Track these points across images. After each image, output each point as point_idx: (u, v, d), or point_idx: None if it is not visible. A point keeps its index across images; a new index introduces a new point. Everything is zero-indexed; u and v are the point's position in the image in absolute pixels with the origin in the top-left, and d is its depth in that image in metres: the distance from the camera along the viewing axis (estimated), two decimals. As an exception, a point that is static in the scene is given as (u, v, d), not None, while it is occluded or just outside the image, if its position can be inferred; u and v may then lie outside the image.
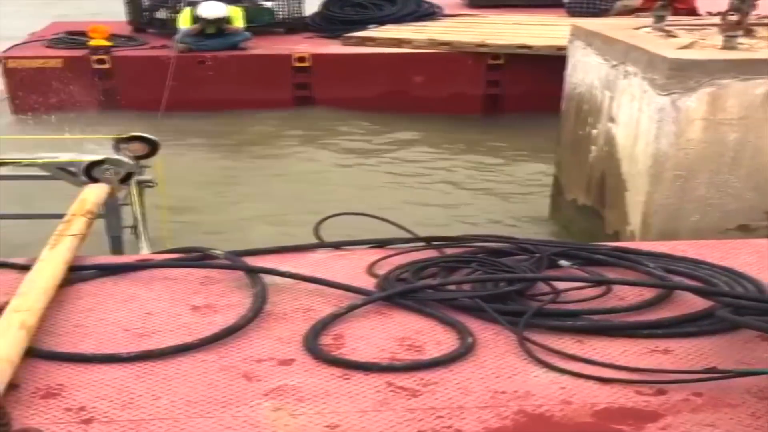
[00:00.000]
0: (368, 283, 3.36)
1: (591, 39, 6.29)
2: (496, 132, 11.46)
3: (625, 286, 3.31)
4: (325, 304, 3.18)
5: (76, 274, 3.40)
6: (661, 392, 2.60)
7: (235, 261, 3.48)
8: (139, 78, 11.97)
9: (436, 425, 2.42)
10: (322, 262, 3.61)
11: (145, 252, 4.97)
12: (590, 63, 6.27)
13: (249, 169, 10.04)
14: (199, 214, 8.10)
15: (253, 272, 3.35)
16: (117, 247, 5.12)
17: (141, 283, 3.40)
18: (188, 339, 2.88)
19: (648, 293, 3.24)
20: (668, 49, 5.31)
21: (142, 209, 5.53)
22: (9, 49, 12.57)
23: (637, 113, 5.40)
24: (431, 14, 14.54)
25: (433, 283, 3.31)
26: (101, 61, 12.11)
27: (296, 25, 14.18)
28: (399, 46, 12.53)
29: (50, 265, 3.26)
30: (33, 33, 14.19)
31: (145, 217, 5.54)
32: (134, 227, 5.42)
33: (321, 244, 3.85)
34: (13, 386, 2.51)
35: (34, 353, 2.74)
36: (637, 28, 6.28)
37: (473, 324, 3.01)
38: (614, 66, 5.79)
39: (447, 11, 15.04)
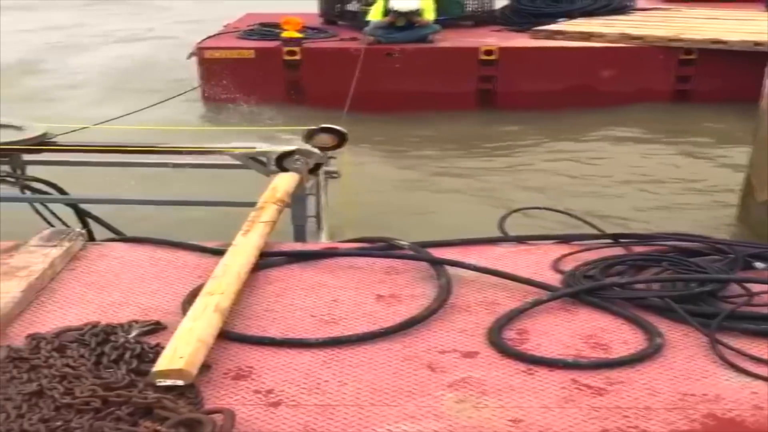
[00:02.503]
0: (553, 279, 3.31)
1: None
2: (685, 125, 11.14)
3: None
4: (509, 298, 3.15)
5: (266, 260, 3.49)
6: None
7: (420, 252, 3.50)
8: (326, 70, 12.21)
9: (621, 425, 2.37)
10: (506, 255, 3.58)
11: (326, 241, 5.06)
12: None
13: (431, 162, 10.09)
14: (381, 205, 8.20)
15: (438, 264, 3.36)
16: (300, 236, 5.23)
17: (327, 270, 3.46)
18: (373, 327, 2.92)
19: None
20: None
21: (326, 199, 5.64)
22: (204, 40, 13.04)
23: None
24: (624, 8, 14.26)
25: (621, 281, 3.24)
26: (292, 53, 12.40)
27: (485, 18, 14.15)
28: (588, 40, 12.35)
29: (243, 251, 3.37)
30: (227, 24, 14.67)
31: (327, 207, 5.65)
32: (317, 217, 5.53)
33: (505, 238, 3.83)
34: (206, 367, 2.59)
35: (225, 335, 2.82)
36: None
37: (661, 324, 2.93)
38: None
39: (639, 5, 14.70)
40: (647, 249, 3.57)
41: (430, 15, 12.69)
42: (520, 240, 3.78)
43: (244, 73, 12.27)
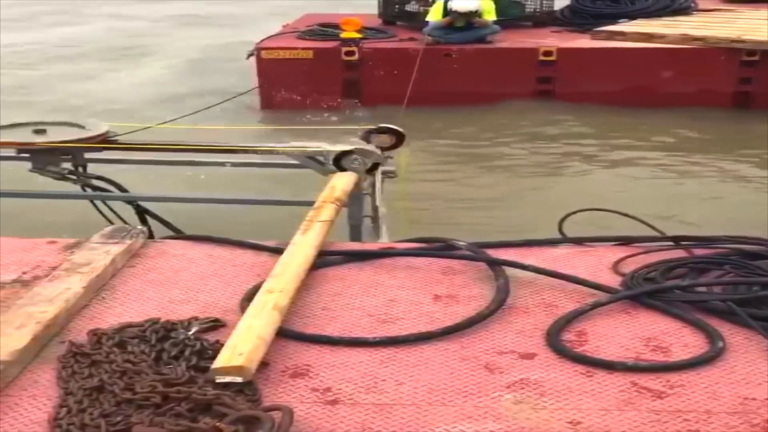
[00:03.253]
0: (612, 281, 3.28)
1: None
2: (746, 126, 10.99)
3: None
4: (567, 300, 3.13)
5: (323, 258, 3.50)
6: None
7: (477, 253, 3.49)
8: (384, 70, 12.24)
9: (681, 428, 2.33)
10: (565, 257, 3.55)
11: (382, 241, 5.06)
12: None
13: (488, 162, 10.07)
14: (437, 205, 8.20)
15: (495, 264, 3.35)
16: (356, 236, 5.24)
17: (385, 270, 3.46)
18: (430, 327, 2.91)
19: None
20: None
21: (382, 199, 5.64)
22: (263, 40, 13.14)
23: None
24: (685, 9, 14.10)
25: (682, 283, 3.20)
26: (350, 53, 12.44)
27: (544, 19, 14.10)
28: (649, 41, 12.22)
29: (301, 249, 3.39)
30: (286, 24, 14.78)
31: (383, 207, 5.66)
32: (373, 217, 5.54)
33: (564, 239, 3.80)
34: (264, 364, 2.61)
35: (283, 333, 2.83)
36: None
37: (723, 328, 2.88)
38: None
39: (701, 6, 14.54)
40: (709, 251, 3.52)
41: (490, 16, 12.67)
42: (579, 241, 3.75)
43: (302, 73, 12.35)
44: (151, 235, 4.58)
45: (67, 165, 5.67)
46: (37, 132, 5.57)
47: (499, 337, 2.86)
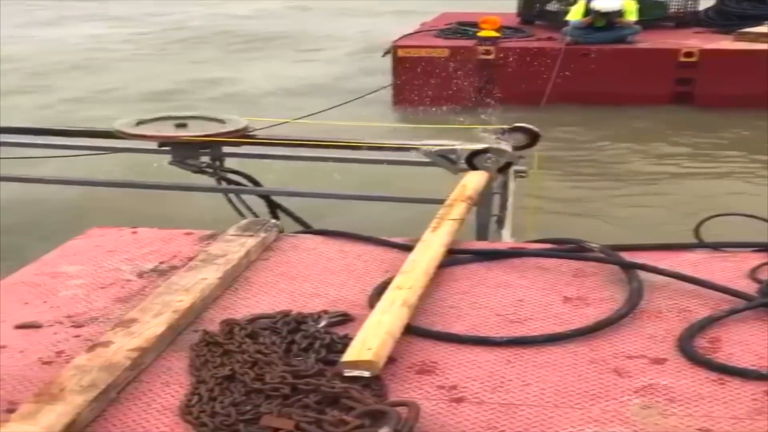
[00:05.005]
0: (749, 288, 3.18)
1: None
2: None
3: None
4: (701, 306, 3.06)
5: (452, 257, 3.50)
6: None
7: (611, 255, 3.44)
8: (520, 69, 12.19)
9: (817, 441, 2.26)
10: (700, 262, 3.47)
11: (507, 241, 5.03)
12: None
13: (622, 163, 9.91)
14: (567, 206, 8.11)
15: (629, 267, 3.29)
16: (482, 235, 5.22)
17: (514, 270, 3.44)
18: (559, 329, 2.88)
19: None
20: None
21: (512, 199, 5.61)
22: (400, 38, 13.24)
23: None
24: (834, 9, 13.59)
25: (823, 292, 3.09)
26: (487, 52, 12.42)
27: (687, 20, 13.80)
28: (797, 42, 11.83)
29: (431, 247, 3.40)
30: (423, 23, 14.86)
31: (512, 206, 5.62)
32: (499, 216, 5.51)
33: (699, 244, 3.71)
34: (391, 359, 2.63)
35: (410, 330, 2.85)
36: None
37: None
38: None
39: None
40: None
41: (633, 16, 12.49)
42: (716, 246, 3.65)
43: (437, 71, 12.38)
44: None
45: (205, 158, 5.82)
46: (179, 126, 5.73)
47: (630, 341, 2.82)
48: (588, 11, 12.35)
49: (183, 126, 5.74)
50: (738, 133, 10.89)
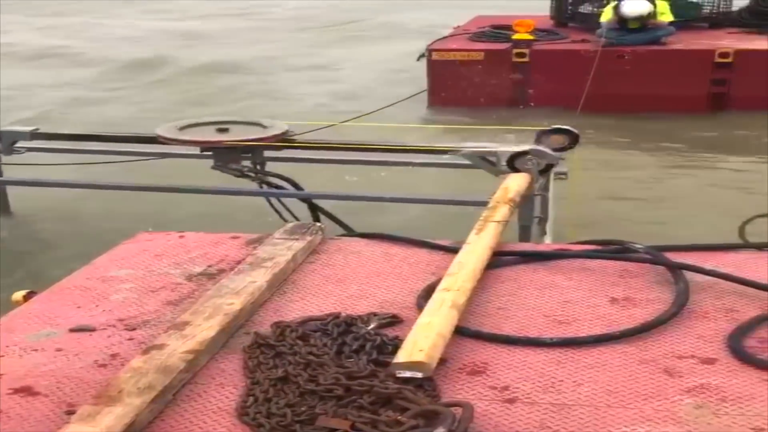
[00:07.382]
0: (797, 287, 3.18)
1: None
2: None
3: None
4: (749, 306, 3.05)
5: (498, 259, 3.52)
6: None
7: (656, 256, 3.44)
8: (555, 71, 12.15)
9: None
10: (746, 262, 3.46)
11: (547, 242, 5.04)
12: None
13: (662, 166, 9.87)
14: (608, 207, 8.09)
15: (675, 268, 3.29)
16: (525, 237, 5.24)
17: (559, 271, 3.45)
18: (607, 330, 2.89)
19: None
20: None
21: (553, 200, 5.62)
22: (434, 42, 13.25)
23: None
24: None
25: None
26: (521, 55, 12.40)
27: (721, 20, 13.69)
28: (835, 43, 11.72)
29: (477, 249, 3.42)
30: (457, 26, 14.86)
31: (553, 208, 5.63)
32: (540, 217, 5.52)
33: (745, 245, 3.70)
34: (442, 360, 2.65)
35: (460, 331, 2.87)
36: None
37: None
38: None
39: None
40: None
41: (666, 17, 12.41)
42: (761, 247, 3.64)
43: (472, 74, 12.38)
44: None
45: (247, 163, 5.88)
46: (221, 131, 5.80)
47: (679, 341, 2.82)
48: (616, 14, 12.33)
49: (224, 131, 5.80)
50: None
